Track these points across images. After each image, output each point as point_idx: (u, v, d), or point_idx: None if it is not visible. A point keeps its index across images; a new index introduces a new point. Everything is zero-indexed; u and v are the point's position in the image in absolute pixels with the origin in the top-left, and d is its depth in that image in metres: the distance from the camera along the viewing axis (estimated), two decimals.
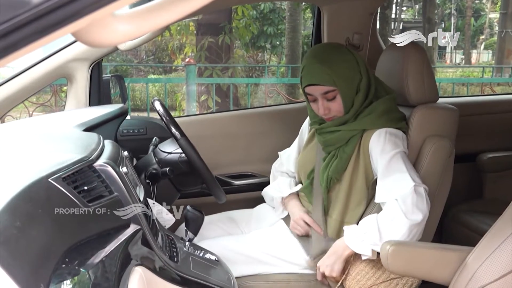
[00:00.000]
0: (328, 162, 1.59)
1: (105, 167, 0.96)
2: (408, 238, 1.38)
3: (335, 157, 1.57)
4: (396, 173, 1.44)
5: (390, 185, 1.44)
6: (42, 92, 4.96)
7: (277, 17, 8.90)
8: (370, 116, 1.54)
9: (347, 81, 1.51)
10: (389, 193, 1.43)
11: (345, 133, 1.55)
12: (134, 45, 1.87)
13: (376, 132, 1.51)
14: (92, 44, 0.45)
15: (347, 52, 1.56)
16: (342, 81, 1.50)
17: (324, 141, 1.61)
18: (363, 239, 1.42)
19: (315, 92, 1.54)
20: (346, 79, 1.51)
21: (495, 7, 16.88)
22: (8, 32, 0.39)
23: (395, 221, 1.39)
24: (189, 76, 6.33)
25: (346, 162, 1.55)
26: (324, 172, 1.59)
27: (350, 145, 1.55)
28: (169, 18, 0.46)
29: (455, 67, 14.47)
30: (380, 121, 1.53)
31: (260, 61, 10.19)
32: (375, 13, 2.25)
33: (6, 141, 1.13)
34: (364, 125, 1.54)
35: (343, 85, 1.51)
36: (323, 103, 1.54)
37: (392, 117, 1.56)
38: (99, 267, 0.74)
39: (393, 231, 1.38)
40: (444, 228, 2.22)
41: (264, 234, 1.66)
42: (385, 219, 1.41)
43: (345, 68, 1.51)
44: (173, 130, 1.52)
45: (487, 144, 2.42)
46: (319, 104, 1.55)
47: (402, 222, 1.37)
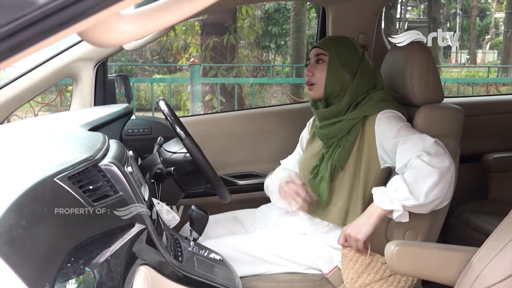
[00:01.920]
0: (332, 152, 1.60)
1: (110, 166, 0.96)
2: (442, 186, 1.35)
3: (338, 146, 1.60)
4: (410, 137, 1.44)
5: (409, 147, 1.42)
6: (48, 91, 4.98)
7: (281, 17, 8.90)
8: (370, 102, 1.58)
9: (341, 54, 1.61)
10: (409, 153, 1.41)
11: (347, 123, 1.58)
12: (139, 44, 1.87)
13: (378, 115, 1.55)
14: (98, 44, 0.45)
15: (355, 42, 1.68)
16: (336, 51, 1.61)
17: (327, 134, 1.62)
18: (392, 197, 1.39)
19: (312, 54, 1.67)
20: (341, 53, 1.61)
21: (501, 7, 16.81)
22: (14, 32, 0.40)
23: (423, 172, 1.36)
24: (193, 75, 6.34)
25: (349, 150, 1.57)
26: (328, 162, 1.60)
27: (353, 133, 1.57)
28: (174, 18, 0.46)
29: (460, 67, 14.42)
30: (380, 105, 1.57)
31: (264, 61, 10.19)
32: (380, 13, 2.24)
33: (12, 140, 1.13)
34: (365, 111, 1.57)
35: (335, 55, 1.60)
36: (312, 64, 1.65)
37: (391, 104, 1.59)
38: (104, 266, 0.74)
39: (423, 183, 1.35)
40: (449, 229, 2.21)
41: (269, 234, 1.66)
42: (412, 173, 1.38)
43: (346, 47, 1.63)
44: (178, 130, 1.53)
45: (493, 144, 2.41)
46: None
47: (431, 171, 1.35)
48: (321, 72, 1.62)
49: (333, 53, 1.61)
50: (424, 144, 1.40)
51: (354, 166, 1.56)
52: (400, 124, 1.50)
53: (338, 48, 1.62)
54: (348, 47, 1.63)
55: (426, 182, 1.35)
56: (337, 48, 1.62)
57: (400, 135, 1.47)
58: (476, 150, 2.35)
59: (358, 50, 1.63)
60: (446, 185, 1.36)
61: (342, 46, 1.63)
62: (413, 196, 1.35)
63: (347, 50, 1.62)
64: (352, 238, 1.43)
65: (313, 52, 1.67)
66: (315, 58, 1.64)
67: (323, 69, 1.62)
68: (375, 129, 1.54)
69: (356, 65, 1.60)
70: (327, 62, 1.61)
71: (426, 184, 1.35)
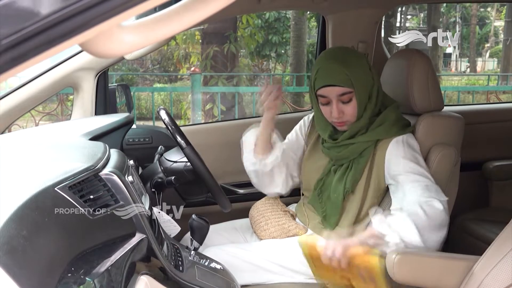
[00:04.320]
0: (343, 174, 1.57)
1: (111, 176, 0.96)
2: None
3: (349, 168, 1.56)
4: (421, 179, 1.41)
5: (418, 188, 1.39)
6: (49, 101, 4.99)
7: (282, 26, 8.93)
8: (384, 125, 1.53)
9: (363, 84, 1.50)
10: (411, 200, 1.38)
11: (360, 145, 1.54)
12: (140, 54, 1.88)
13: (394, 140, 1.51)
14: (100, 55, 0.46)
15: (361, 56, 1.56)
16: (359, 83, 1.48)
17: (338, 156, 1.58)
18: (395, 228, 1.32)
19: (331, 94, 1.50)
20: (362, 82, 1.49)
21: (500, 15, 16.86)
22: (17, 43, 0.40)
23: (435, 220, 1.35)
24: (194, 85, 6.36)
25: (360, 173, 1.54)
26: (338, 185, 1.57)
27: (365, 156, 1.54)
28: (175, 29, 0.46)
29: (460, 75, 14.44)
30: (393, 129, 1.53)
31: (265, 70, 10.21)
32: (380, 22, 2.25)
33: (13, 150, 1.14)
34: (379, 135, 1.53)
35: (360, 88, 1.49)
36: (338, 105, 1.50)
37: (403, 124, 1.56)
38: (105, 276, 0.74)
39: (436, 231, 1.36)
40: (450, 237, 2.19)
41: (270, 243, 1.65)
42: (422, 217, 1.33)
43: (361, 71, 1.50)
44: (178, 139, 1.53)
45: (493, 152, 2.41)
46: (332, 107, 1.52)
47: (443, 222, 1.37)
48: (351, 109, 1.51)
49: (358, 87, 1.48)
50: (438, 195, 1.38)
51: (363, 188, 1.54)
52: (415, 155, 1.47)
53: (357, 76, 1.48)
54: (359, 66, 1.50)
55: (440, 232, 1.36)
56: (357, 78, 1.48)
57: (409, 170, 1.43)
58: (477, 158, 2.35)
59: (367, 65, 1.54)
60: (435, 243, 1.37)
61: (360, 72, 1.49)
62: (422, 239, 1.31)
63: (364, 73, 1.51)
64: (331, 245, 1.28)
65: (331, 92, 1.50)
66: (338, 98, 1.50)
67: (353, 105, 1.51)
68: (387, 154, 1.50)
69: (371, 82, 1.53)
70: (356, 98, 1.50)
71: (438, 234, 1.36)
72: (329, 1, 2.03)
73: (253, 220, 1.72)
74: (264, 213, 1.70)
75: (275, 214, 1.70)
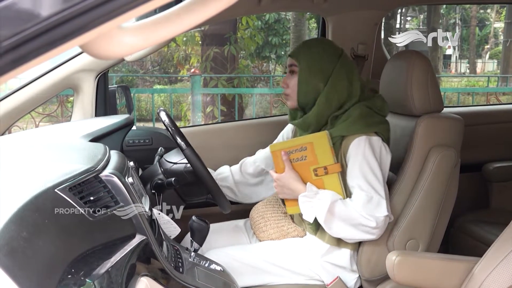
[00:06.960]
0: None
1: (111, 177, 0.96)
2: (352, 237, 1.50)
3: None
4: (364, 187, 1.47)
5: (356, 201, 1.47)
6: (49, 102, 4.99)
7: (282, 27, 8.93)
8: (346, 122, 1.54)
9: (311, 65, 1.56)
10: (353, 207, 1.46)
11: None
12: (140, 56, 1.88)
13: (357, 139, 1.51)
14: (100, 57, 0.46)
15: (333, 51, 1.60)
16: (306, 61, 1.57)
17: None
18: (312, 206, 1.48)
19: (287, 64, 1.64)
20: (311, 63, 1.56)
21: (500, 17, 16.88)
22: (18, 45, 0.40)
23: (352, 220, 1.46)
24: (194, 86, 6.36)
25: None
26: None
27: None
28: (175, 30, 0.46)
29: (460, 77, 14.45)
30: (356, 126, 1.52)
31: (265, 71, 10.21)
32: (380, 23, 2.26)
33: (13, 151, 1.14)
34: (341, 131, 1.54)
35: (305, 65, 1.57)
36: (288, 75, 1.63)
37: (370, 121, 1.54)
38: (105, 278, 0.74)
39: (344, 228, 1.47)
40: (450, 238, 2.20)
41: (270, 244, 1.65)
42: (345, 210, 1.46)
43: (318, 55, 1.57)
44: (178, 140, 1.53)
45: (493, 154, 2.41)
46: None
47: (356, 228, 1.46)
48: (294, 83, 1.60)
49: (303, 63, 1.57)
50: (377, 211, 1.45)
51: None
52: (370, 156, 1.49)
53: (309, 56, 1.57)
54: (320, 54, 1.57)
55: (346, 231, 1.48)
56: (308, 57, 1.57)
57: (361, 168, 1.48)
58: (477, 159, 2.35)
59: (332, 55, 1.58)
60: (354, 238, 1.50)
61: (314, 53, 1.58)
62: (326, 224, 1.47)
63: (318, 57, 1.57)
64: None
65: (287, 62, 1.64)
66: (289, 68, 1.63)
67: (295, 80, 1.59)
68: (348, 152, 1.52)
69: (328, 72, 1.55)
70: (298, 73, 1.58)
71: (343, 231, 1.48)
72: (329, 2, 2.04)
73: (253, 221, 1.73)
74: (264, 214, 1.71)
75: (275, 216, 1.70)
